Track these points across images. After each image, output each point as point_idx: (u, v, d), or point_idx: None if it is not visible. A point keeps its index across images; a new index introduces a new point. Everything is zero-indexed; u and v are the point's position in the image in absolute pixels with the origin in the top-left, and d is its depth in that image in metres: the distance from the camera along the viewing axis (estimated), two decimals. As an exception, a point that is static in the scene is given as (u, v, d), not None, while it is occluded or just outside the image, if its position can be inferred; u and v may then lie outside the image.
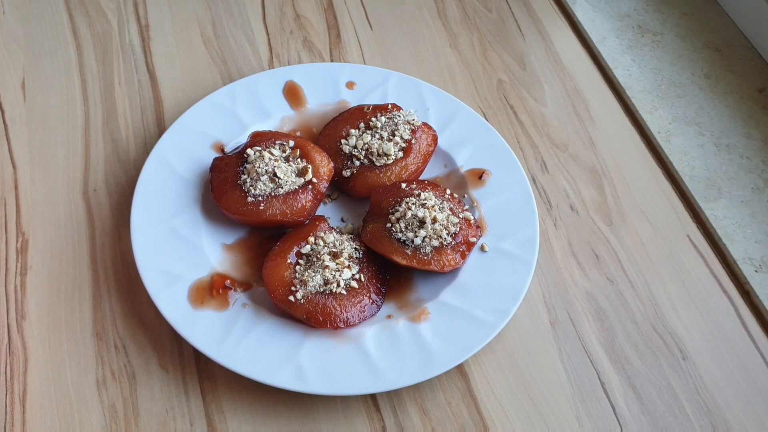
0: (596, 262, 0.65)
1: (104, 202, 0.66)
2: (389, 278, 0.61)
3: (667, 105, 0.77)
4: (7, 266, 0.62)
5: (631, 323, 0.62)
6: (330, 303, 0.57)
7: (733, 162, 0.73)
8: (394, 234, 0.60)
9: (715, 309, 0.63)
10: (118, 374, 0.57)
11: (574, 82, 0.79)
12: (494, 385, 0.58)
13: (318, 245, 0.61)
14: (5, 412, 0.55)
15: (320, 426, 0.56)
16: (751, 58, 0.82)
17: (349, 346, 0.57)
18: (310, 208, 0.62)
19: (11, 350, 0.58)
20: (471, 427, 0.56)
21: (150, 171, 0.65)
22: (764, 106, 0.78)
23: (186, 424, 0.55)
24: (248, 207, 0.61)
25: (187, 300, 0.58)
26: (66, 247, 0.63)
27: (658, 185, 0.71)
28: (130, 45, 0.78)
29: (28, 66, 0.75)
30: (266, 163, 0.62)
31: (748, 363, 0.61)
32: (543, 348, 0.60)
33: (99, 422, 0.55)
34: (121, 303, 0.60)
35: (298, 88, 0.72)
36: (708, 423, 0.57)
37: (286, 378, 0.55)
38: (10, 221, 0.64)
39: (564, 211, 0.69)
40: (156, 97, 0.74)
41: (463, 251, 0.60)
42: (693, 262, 0.66)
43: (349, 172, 0.66)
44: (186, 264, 0.60)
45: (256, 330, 0.57)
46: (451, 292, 0.60)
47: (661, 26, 0.85)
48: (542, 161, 0.72)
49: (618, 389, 0.59)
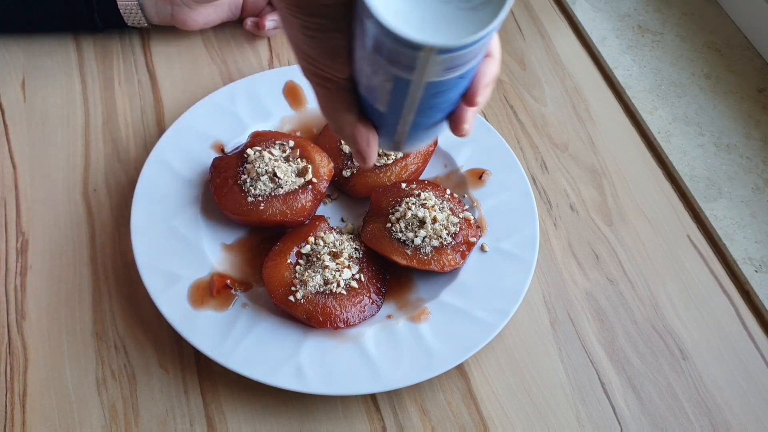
0: (596, 262, 0.65)
1: (104, 202, 0.66)
2: (389, 278, 0.61)
3: (667, 105, 0.77)
4: (7, 266, 0.62)
5: (631, 323, 0.62)
6: (330, 303, 0.57)
7: (733, 162, 0.73)
8: (394, 234, 0.60)
9: (715, 309, 0.63)
10: (118, 374, 0.57)
11: (574, 82, 0.79)
12: (494, 385, 0.58)
13: (318, 245, 0.61)
14: (5, 412, 0.55)
15: (320, 426, 0.56)
16: (751, 58, 0.82)
17: (349, 346, 0.57)
18: (310, 208, 0.62)
19: (11, 350, 0.58)
20: (471, 427, 0.56)
21: (150, 171, 0.65)
22: (764, 106, 0.78)
23: (186, 424, 0.55)
24: (248, 207, 0.61)
25: (187, 300, 0.58)
26: (66, 247, 0.63)
27: (658, 185, 0.71)
28: (130, 45, 0.78)
29: (28, 66, 0.75)
30: (266, 163, 0.62)
31: (748, 363, 0.61)
32: (543, 348, 0.60)
33: (99, 422, 0.55)
34: (121, 303, 0.60)
35: (298, 88, 0.72)
36: (708, 423, 0.57)
37: (285, 378, 0.55)
38: (10, 221, 0.64)
39: (564, 211, 0.69)
40: (156, 97, 0.74)
41: (463, 251, 0.60)
42: (693, 262, 0.66)
43: (349, 172, 0.66)
44: (186, 264, 0.60)
45: (256, 330, 0.57)
46: (451, 292, 0.60)
47: (661, 26, 0.85)
48: (542, 161, 0.72)
49: (618, 389, 0.59)
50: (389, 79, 0.35)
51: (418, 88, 0.35)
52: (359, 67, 0.37)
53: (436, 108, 0.38)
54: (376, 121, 0.41)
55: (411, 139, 0.42)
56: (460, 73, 0.34)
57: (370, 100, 0.38)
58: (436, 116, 0.39)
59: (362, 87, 0.38)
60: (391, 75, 0.34)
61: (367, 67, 0.35)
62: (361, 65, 0.36)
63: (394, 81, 0.35)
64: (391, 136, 0.41)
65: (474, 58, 0.34)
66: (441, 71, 0.33)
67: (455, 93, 0.37)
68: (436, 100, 0.37)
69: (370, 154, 0.42)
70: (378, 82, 0.36)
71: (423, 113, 0.38)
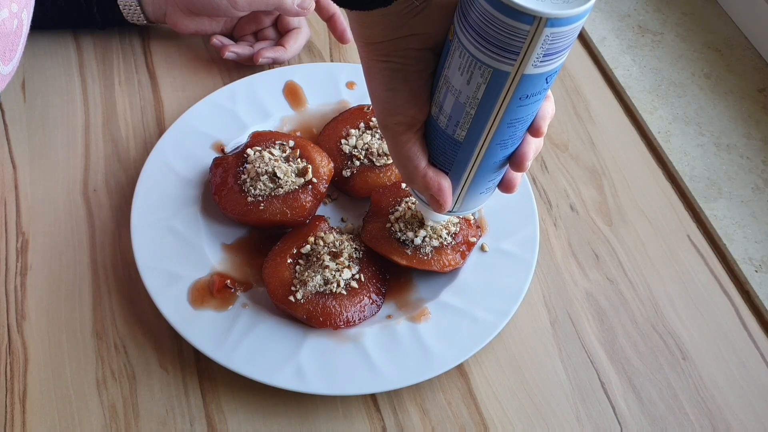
0: (596, 262, 0.65)
1: (104, 202, 0.66)
2: (389, 278, 0.61)
3: (667, 105, 0.77)
4: (7, 266, 0.62)
5: (631, 323, 0.62)
6: (330, 303, 0.57)
7: (733, 162, 0.73)
8: (394, 234, 0.60)
9: (715, 309, 0.63)
10: (118, 374, 0.57)
11: (574, 82, 0.79)
12: (494, 385, 0.58)
13: (318, 245, 0.61)
14: (5, 412, 0.55)
15: (320, 426, 0.56)
16: (751, 58, 0.82)
17: (349, 346, 0.57)
18: (310, 208, 0.62)
19: (11, 350, 0.58)
20: (471, 427, 0.56)
21: (150, 171, 0.65)
22: (764, 106, 0.78)
23: (186, 424, 0.55)
24: (248, 207, 0.61)
25: (187, 300, 0.58)
26: (66, 247, 0.63)
27: (658, 185, 0.71)
28: (130, 45, 0.78)
29: (28, 66, 0.75)
30: (266, 163, 0.62)
31: (748, 363, 0.61)
32: (543, 348, 0.60)
33: (99, 422, 0.55)
34: (121, 303, 0.60)
35: (298, 88, 0.72)
36: (708, 423, 0.57)
37: (286, 378, 0.55)
38: (10, 221, 0.64)
39: (564, 211, 0.69)
40: (156, 97, 0.74)
41: (463, 251, 0.60)
42: (693, 262, 0.66)
43: (349, 172, 0.66)
44: (186, 264, 0.60)
45: (256, 330, 0.57)
46: (451, 292, 0.60)
47: (661, 26, 0.85)
48: (542, 161, 0.72)
49: (618, 389, 0.59)
50: (485, 80, 0.37)
51: (513, 85, 0.37)
52: (446, 91, 0.40)
53: (514, 127, 0.41)
54: (446, 165, 0.45)
55: (474, 189, 0.46)
56: (554, 66, 0.37)
57: (450, 130, 0.42)
58: (510, 142, 0.42)
59: (444, 116, 0.41)
60: (489, 73, 0.37)
61: (459, 78, 0.38)
62: (449, 84, 0.39)
63: (490, 81, 0.37)
64: (459, 179, 0.45)
65: (568, 47, 0.36)
66: (540, 58, 0.35)
67: (532, 111, 0.40)
68: (519, 114, 0.39)
69: (446, 198, 0.45)
70: (470, 92, 0.39)
71: (501, 134, 0.41)
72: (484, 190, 0.47)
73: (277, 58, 0.74)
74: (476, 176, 0.45)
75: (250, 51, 0.74)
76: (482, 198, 0.49)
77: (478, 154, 0.42)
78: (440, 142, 0.43)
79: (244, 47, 0.74)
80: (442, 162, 0.44)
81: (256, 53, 0.73)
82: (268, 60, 0.73)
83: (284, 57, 0.74)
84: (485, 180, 0.46)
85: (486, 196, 0.49)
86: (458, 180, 0.45)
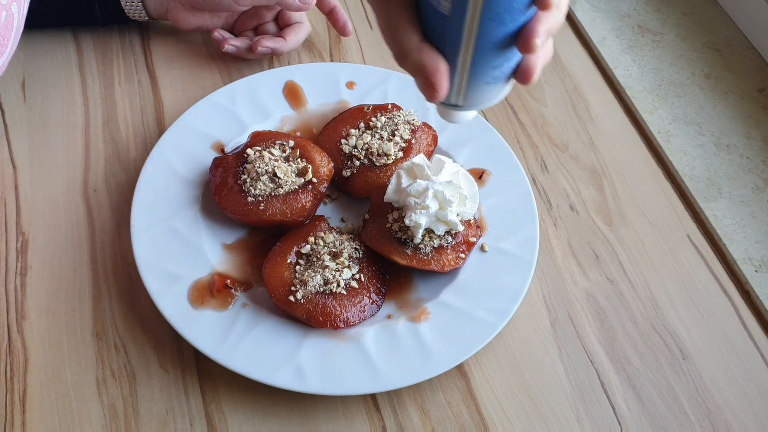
0: (596, 262, 0.65)
1: (104, 203, 0.66)
2: (389, 278, 0.61)
3: (667, 105, 0.77)
4: (7, 266, 0.62)
5: (631, 323, 0.62)
6: (330, 303, 0.57)
7: (733, 162, 0.73)
8: (394, 234, 0.60)
9: (715, 309, 0.63)
10: (118, 374, 0.57)
11: (574, 82, 0.79)
12: (494, 385, 0.58)
13: (318, 245, 0.61)
14: (5, 412, 0.55)
15: (320, 426, 0.56)
16: (751, 58, 0.82)
17: (349, 346, 0.57)
18: (310, 208, 0.62)
19: (11, 350, 0.58)
20: (471, 427, 0.56)
21: (150, 171, 0.65)
22: (764, 106, 0.78)
23: (186, 424, 0.55)
24: (248, 207, 0.61)
25: (187, 300, 0.58)
26: (66, 247, 0.63)
27: (658, 185, 0.71)
28: (130, 45, 0.78)
29: (28, 66, 0.75)
30: (266, 163, 0.62)
31: (748, 363, 0.61)
32: (543, 348, 0.60)
33: (99, 422, 0.55)
34: (121, 303, 0.60)
35: (298, 88, 0.72)
36: (708, 423, 0.57)
37: (285, 378, 0.55)
38: (10, 221, 0.64)
39: (564, 211, 0.69)
40: (156, 97, 0.74)
41: (463, 251, 0.60)
42: (693, 262, 0.66)
43: (349, 172, 0.66)
44: (186, 264, 0.60)
45: (256, 330, 0.57)
46: (451, 292, 0.60)
47: (661, 26, 0.85)
48: (542, 161, 0.72)
49: (618, 389, 0.59)
50: None
51: None
52: None
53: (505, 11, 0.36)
54: (440, 44, 0.38)
55: (476, 76, 0.39)
56: None
57: (434, 1, 0.36)
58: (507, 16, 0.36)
59: None
60: None
61: None
62: None
63: None
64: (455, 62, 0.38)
65: None
66: None
67: None
68: None
69: (439, 81, 0.38)
70: None
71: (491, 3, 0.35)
72: (490, 79, 0.40)
73: (276, 48, 0.73)
74: (475, 60, 0.39)
75: (250, 44, 0.74)
76: (489, 90, 0.41)
77: (471, 30, 0.37)
78: (430, 18, 0.38)
79: (244, 41, 0.74)
80: (434, 44, 0.39)
81: (254, 42, 0.73)
82: (267, 50, 0.73)
83: (283, 49, 0.74)
84: (487, 66, 0.39)
85: (494, 88, 0.42)
86: (454, 63, 0.39)
